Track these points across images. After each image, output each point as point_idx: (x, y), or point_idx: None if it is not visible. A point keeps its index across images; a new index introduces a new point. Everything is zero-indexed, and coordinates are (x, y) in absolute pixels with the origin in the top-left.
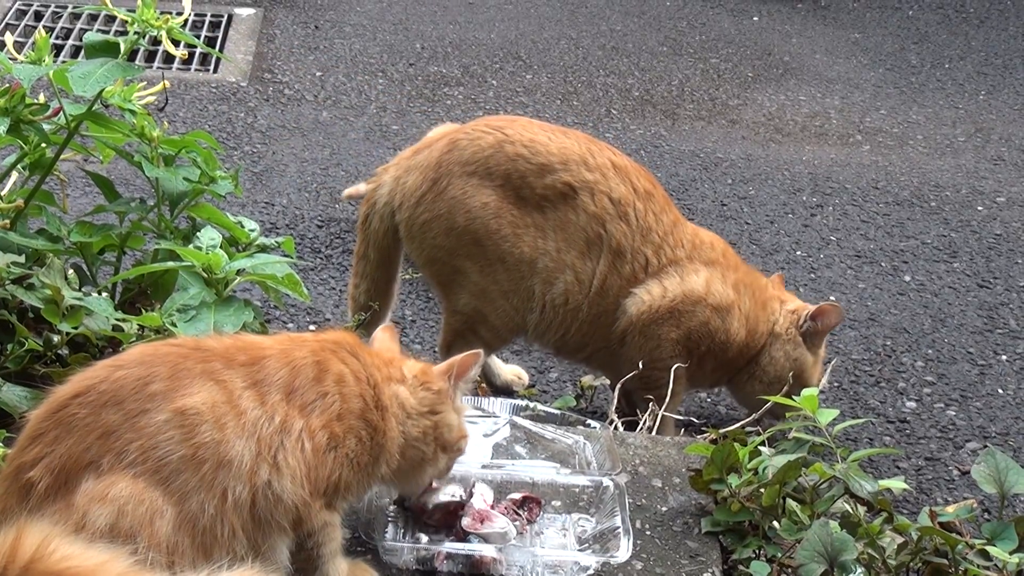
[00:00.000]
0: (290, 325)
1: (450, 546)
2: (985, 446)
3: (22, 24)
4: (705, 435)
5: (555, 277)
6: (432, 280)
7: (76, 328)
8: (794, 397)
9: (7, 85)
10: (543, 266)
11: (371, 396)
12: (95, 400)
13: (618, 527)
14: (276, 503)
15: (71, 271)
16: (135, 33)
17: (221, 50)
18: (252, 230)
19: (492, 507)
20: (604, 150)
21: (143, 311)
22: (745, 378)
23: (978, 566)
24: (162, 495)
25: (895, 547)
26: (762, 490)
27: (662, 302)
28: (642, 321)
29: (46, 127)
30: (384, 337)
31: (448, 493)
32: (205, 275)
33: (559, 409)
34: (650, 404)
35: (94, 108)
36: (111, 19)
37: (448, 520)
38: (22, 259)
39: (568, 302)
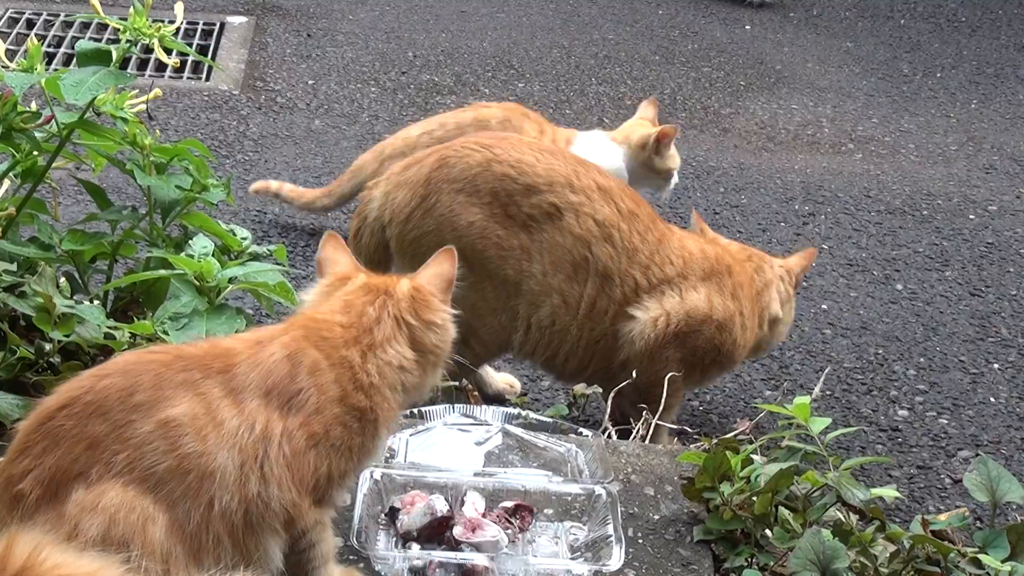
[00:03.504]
0: None
1: (442, 555)
2: (977, 454)
3: (14, 32)
4: (698, 443)
5: (541, 300)
6: None
7: (68, 336)
8: (786, 406)
9: None
10: (528, 288)
11: (349, 378)
12: (80, 412)
13: (610, 535)
14: (265, 509)
15: (63, 279)
16: (127, 41)
17: (213, 58)
18: (244, 238)
19: (484, 515)
20: (590, 170)
21: (135, 319)
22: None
23: (970, 574)
24: (153, 502)
25: (887, 555)
26: (754, 498)
27: (667, 330)
28: (649, 351)
29: (38, 135)
30: (334, 257)
31: (431, 509)
32: (197, 283)
33: (551, 417)
34: (643, 413)
35: (86, 116)
36: (103, 27)
37: (437, 532)
38: (14, 267)
39: (555, 323)
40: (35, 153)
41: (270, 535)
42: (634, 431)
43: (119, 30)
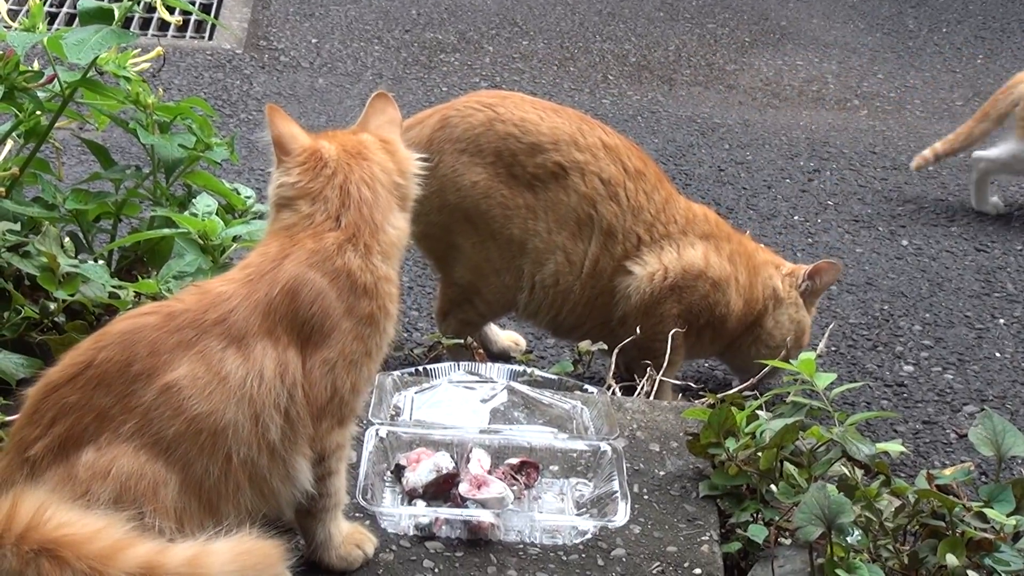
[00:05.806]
0: None
1: (448, 512)
2: (982, 409)
3: None
4: (703, 399)
5: (545, 258)
6: (428, 254)
7: (72, 295)
8: (792, 361)
9: (1, 52)
10: (532, 247)
11: (349, 288)
12: (84, 385)
13: (616, 491)
14: (292, 445)
15: (67, 239)
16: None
17: (216, 17)
18: (248, 197)
19: (489, 472)
20: (595, 129)
21: (139, 278)
22: (747, 344)
23: (975, 528)
24: (164, 465)
25: (892, 510)
26: (759, 454)
27: (664, 284)
28: (645, 305)
29: (41, 94)
30: (291, 131)
31: (436, 466)
32: (201, 242)
33: (557, 374)
34: (648, 369)
35: (89, 75)
36: None
37: (443, 489)
38: (18, 227)
39: (559, 283)
40: (38, 113)
41: (299, 457)
42: (638, 387)
43: None
